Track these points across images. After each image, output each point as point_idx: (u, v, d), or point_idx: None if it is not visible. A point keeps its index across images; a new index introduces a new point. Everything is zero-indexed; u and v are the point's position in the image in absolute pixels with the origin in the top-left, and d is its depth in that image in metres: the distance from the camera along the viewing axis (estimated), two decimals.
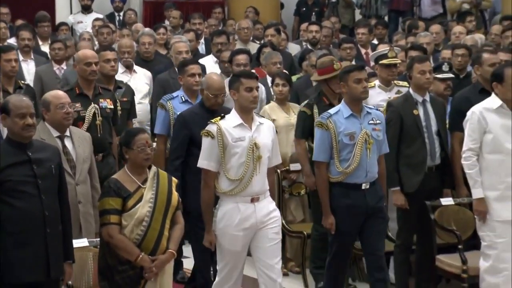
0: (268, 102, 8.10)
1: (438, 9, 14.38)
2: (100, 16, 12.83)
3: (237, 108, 5.62)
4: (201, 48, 11.23)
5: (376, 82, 7.58)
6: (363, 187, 5.94)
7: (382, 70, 7.52)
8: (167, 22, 12.34)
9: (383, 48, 7.93)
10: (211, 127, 5.53)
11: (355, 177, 5.92)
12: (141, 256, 5.06)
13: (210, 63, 9.61)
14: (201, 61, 9.68)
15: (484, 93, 6.63)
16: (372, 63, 8.31)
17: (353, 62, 9.62)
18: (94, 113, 6.65)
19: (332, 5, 14.04)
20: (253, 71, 8.55)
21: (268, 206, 5.63)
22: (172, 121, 6.92)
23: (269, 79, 8.39)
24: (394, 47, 7.88)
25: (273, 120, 7.49)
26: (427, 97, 6.83)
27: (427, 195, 6.54)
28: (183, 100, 7.11)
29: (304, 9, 14.34)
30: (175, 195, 5.24)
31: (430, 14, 14.18)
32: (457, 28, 10.79)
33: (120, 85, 7.58)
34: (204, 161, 5.55)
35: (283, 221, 7.29)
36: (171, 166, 6.47)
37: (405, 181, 6.58)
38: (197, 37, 10.96)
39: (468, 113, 6.37)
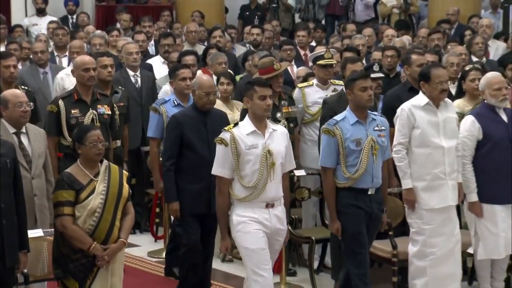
0: None
1: (370, 14, 14.51)
2: (55, 18, 12.65)
3: (251, 115, 5.36)
4: (151, 49, 11.18)
5: (314, 81, 7.59)
6: (369, 192, 5.71)
7: (319, 70, 7.54)
8: (118, 25, 12.22)
9: (320, 50, 7.95)
10: (225, 135, 5.30)
11: (362, 183, 5.68)
12: (93, 245, 5.02)
13: (158, 63, 9.58)
14: (149, 61, 9.73)
15: (413, 91, 6.70)
16: (310, 64, 8.33)
17: (293, 63, 9.67)
18: (93, 119, 6.41)
19: (273, 9, 14.05)
20: (200, 71, 8.61)
21: (282, 217, 5.40)
22: (166, 124, 6.73)
23: (214, 78, 8.37)
24: (330, 49, 7.90)
25: None
26: None
27: None
28: (175, 103, 6.94)
29: (247, 13, 14.32)
30: (126, 187, 5.21)
31: (363, 18, 14.30)
32: (389, 31, 10.89)
33: (116, 90, 7.40)
34: (218, 168, 5.33)
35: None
36: (163, 167, 6.27)
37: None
38: (147, 38, 10.94)
39: (398, 110, 6.42)
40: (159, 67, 9.39)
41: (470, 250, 6.39)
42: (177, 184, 6.19)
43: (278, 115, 6.94)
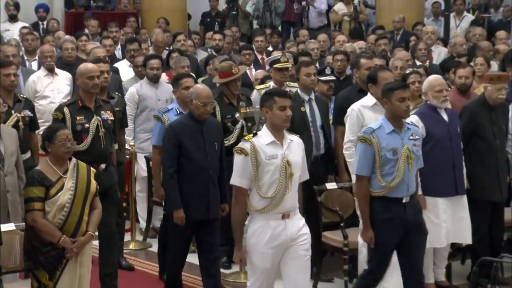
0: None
1: (323, 21, 14.55)
2: (26, 24, 12.52)
3: (269, 125, 4.96)
4: (118, 53, 11.09)
5: (271, 83, 7.60)
6: (403, 201, 5.39)
7: (275, 73, 7.54)
8: (86, 30, 12.12)
9: (276, 54, 7.96)
10: (245, 145, 4.90)
11: (397, 192, 5.36)
12: (62, 238, 4.99)
13: (124, 67, 9.51)
14: (116, 65, 9.65)
15: (362, 93, 6.74)
16: (267, 67, 8.35)
17: (251, 67, 9.68)
18: (97, 125, 6.07)
19: (233, 16, 14.03)
20: (164, 74, 8.57)
21: (298, 223, 5.01)
22: None
23: None
24: (286, 53, 7.91)
25: None
26: (313, 96, 6.92)
27: (314, 181, 6.56)
28: (178, 112, 6.64)
29: (208, 19, 14.30)
30: (93, 183, 5.18)
31: (317, 25, 14.34)
32: (340, 37, 10.95)
33: (112, 95, 7.10)
34: (236, 179, 4.92)
35: None
36: (166, 174, 5.97)
37: None
38: (114, 43, 10.88)
39: (348, 110, 6.46)
40: (126, 70, 9.33)
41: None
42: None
43: (237, 115, 6.94)
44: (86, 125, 6.02)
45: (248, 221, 4.98)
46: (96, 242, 7.19)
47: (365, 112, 6.29)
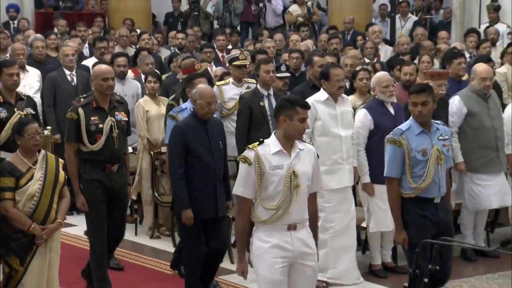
0: (142, 96, 8.01)
1: (279, 21, 14.58)
2: None
3: (281, 134, 4.38)
4: (86, 51, 11.00)
5: (230, 79, 7.57)
6: (435, 201, 5.06)
7: (234, 70, 7.52)
8: (56, 30, 11.96)
9: (235, 52, 7.95)
10: (249, 153, 4.36)
11: (428, 193, 5.03)
12: (32, 225, 4.94)
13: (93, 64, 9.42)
14: (84, 62, 9.57)
15: (315, 88, 6.75)
16: (227, 64, 8.32)
17: (212, 64, 9.64)
18: (111, 126, 5.71)
19: (194, 17, 13.97)
20: (130, 71, 8.49)
21: (307, 240, 4.43)
22: None
23: (143, 77, 8.28)
24: (244, 51, 7.91)
25: (147, 111, 7.46)
26: (271, 92, 6.91)
27: None
28: (192, 111, 6.14)
29: (171, 19, 14.24)
30: (62, 173, 5.11)
31: (273, 25, 14.35)
32: (294, 37, 10.97)
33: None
34: (239, 188, 4.40)
35: (156, 194, 7.23)
36: (176, 175, 5.59)
37: None
38: (82, 42, 10.78)
39: None
40: None
41: (364, 224, 6.49)
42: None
43: None
44: (100, 126, 5.68)
45: (253, 231, 4.45)
46: (72, 231, 7.22)
47: (318, 106, 6.29)
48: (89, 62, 9.51)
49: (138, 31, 11.38)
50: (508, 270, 6.43)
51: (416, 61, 8.49)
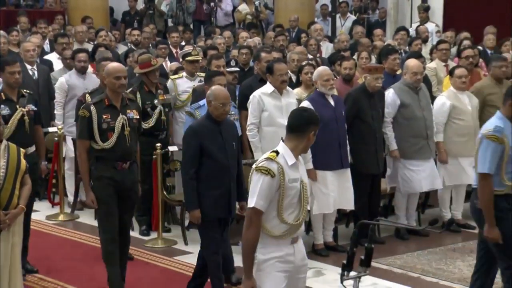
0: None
1: (229, 19, 14.55)
2: None
3: (299, 147, 3.92)
4: (46, 47, 10.78)
5: (184, 73, 7.55)
6: None
7: (187, 64, 7.49)
8: (18, 27, 11.68)
9: (188, 48, 7.90)
10: (271, 165, 3.81)
11: None
12: None
13: (54, 59, 9.28)
14: (46, 57, 9.41)
15: (263, 82, 6.77)
16: (180, 59, 8.28)
17: (167, 59, 9.57)
18: (123, 124, 5.36)
19: (150, 15, 13.85)
20: (90, 66, 8.36)
21: (303, 250, 4.07)
22: None
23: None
24: (197, 48, 7.87)
25: None
26: None
27: None
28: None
29: (128, 17, 14.08)
30: (23, 162, 4.99)
31: (224, 23, 14.32)
32: (243, 34, 10.96)
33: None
34: (260, 201, 3.82)
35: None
36: (187, 175, 5.22)
37: None
38: (43, 38, 10.57)
39: (251, 97, 6.48)
40: (55, 62, 9.08)
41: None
42: (198, 192, 5.20)
43: (156, 101, 6.85)
44: (112, 124, 5.33)
45: (258, 246, 3.93)
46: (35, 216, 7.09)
47: (264, 98, 6.32)
48: (50, 57, 9.44)
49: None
50: (436, 247, 6.59)
51: (355, 57, 8.59)
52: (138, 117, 5.52)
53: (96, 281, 5.75)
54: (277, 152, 3.87)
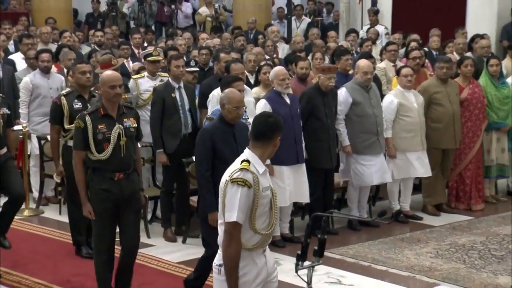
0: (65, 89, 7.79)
1: (189, 21, 14.49)
2: None
3: (266, 154, 3.70)
4: (11, 47, 10.55)
5: (145, 73, 7.46)
6: None
7: (149, 64, 7.41)
8: None
9: (150, 49, 7.82)
10: (247, 176, 3.55)
11: None
12: None
13: (18, 59, 9.10)
14: (11, 57, 9.23)
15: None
16: (142, 60, 8.19)
17: (129, 59, 9.46)
18: (119, 134, 4.97)
19: (112, 17, 13.70)
20: (53, 66, 8.21)
21: (272, 257, 3.82)
22: None
23: (65, 71, 8.04)
24: (158, 48, 7.80)
25: None
26: (182, 84, 6.83)
27: (183, 154, 6.52)
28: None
29: (91, 19, 13.91)
30: None
31: (184, 25, 14.25)
32: (203, 35, 10.90)
33: (94, 94, 6.30)
34: (240, 214, 3.53)
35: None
36: (202, 177, 4.97)
37: (167, 145, 6.56)
38: (8, 39, 10.35)
39: (210, 95, 6.44)
40: (20, 62, 8.91)
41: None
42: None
43: None
44: (108, 134, 4.94)
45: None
46: None
47: None
48: (15, 57, 9.26)
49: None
50: (386, 237, 6.67)
51: (309, 58, 8.62)
52: (135, 125, 5.10)
53: (61, 275, 5.67)
54: (248, 161, 3.60)
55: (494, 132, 7.74)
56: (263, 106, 6.36)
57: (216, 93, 6.32)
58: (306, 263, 3.58)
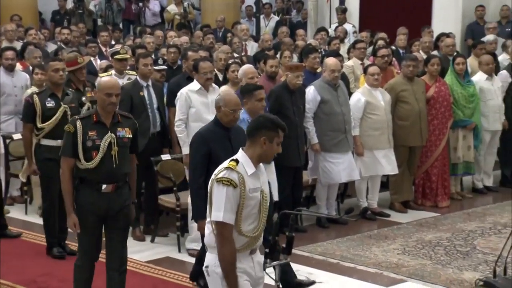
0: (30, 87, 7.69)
1: (157, 19, 14.41)
2: None
3: (255, 155, 3.59)
4: None
5: (113, 71, 7.41)
6: None
7: (116, 63, 7.37)
8: None
9: (117, 47, 7.77)
10: (232, 175, 3.50)
11: None
12: None
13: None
14: None
15: (190, 80, 6.71)
16: (110, 58, 8.13)
17: (97, 57, 9.37)
18: (110, 143, 4.60)
19: (79, 14, 13.55)
20: (18, 63, 8.09)
21: (261, 261, 3.72)
22: None
23: (30, 69, 7.93)
24: (125, 46, 7.75)
25: None
26: (150, 83, 6.80)
27: (151, 153, 6.50)
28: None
29: (58, 16, 13.74)
30: None
31: (152, 23, 14.16)
32: (171, 33, 10.84)
33: (67, 92, 6.18)
34: (227, 214, 3.49)
35: None
36: (195, 183, 4.72)
37: None
38: None
39: (178, 94, 6.42)
40: None
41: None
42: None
43: (83, 98, 6.68)
44: (97, 142, 4.59)
45: (214, 265, 3.57)
46: None
47: (192, 95, 6.27)
48: None
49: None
50: (354, 234, 6.73)
51: (278, 56, 8.64)
52: (130, 136, 4.72)
53: (27, 275, 5.60)
54: (236, 161, 3.54)
55: (460, 130, 7.86)
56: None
57: (184, 92, 6.30)
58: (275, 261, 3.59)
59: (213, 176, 3.55)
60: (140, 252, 6.18)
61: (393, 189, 7.60)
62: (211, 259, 3.56)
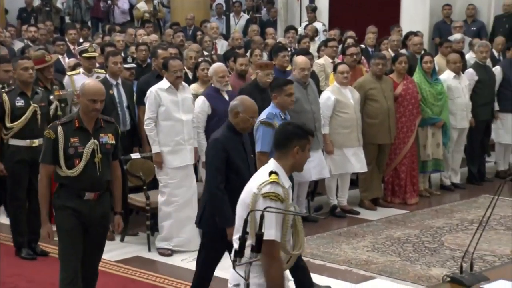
0: None
1: (126, 17, 14.31)
2: None
3: (288, 165, 3.42)
4: None
5: (81, 70, 7.35)
6: None
7: (84, 61, 7.31)
8: None
9: (85, 45, 7.70)
10: (278, 190, 3.28)
11: None
12: None
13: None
14: None
15: (160, 78, 6.67)
16: (78, 56, 8.05)
17: (65, 55, 9.28)
18: (93, 149, 4.40)
19: (46, 12, 13.39)
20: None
21: (290, 277, 3.68)
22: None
23: None
24: (93, 44, 7.68)
25: None
26: (119, 81, 6.77)
27: (121, 152, 6.48)
28: (282, 117, 5.60)
29: (24, 14, 13.57)
30: None
31: (121, 21, 14.05)
32: (141, 31, 10.78)
33: (37, 90, 6.03)
34: (272, 231, 3.24)
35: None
36: (218, 190, 4.53)
37: None
38: None
39: (148, 92, 6.39)
40: None
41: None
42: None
43: (51, 97, 6.63)
44: (80, 149, 4.38)
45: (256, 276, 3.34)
46: None
47: (161, 94, 6.25)
48: None
49: None
50: (324, 232, 6.77)
51: (248, 54, 8.66)
52: (113, 142, 4.52)
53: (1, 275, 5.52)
54: (276, 173, 3.30)
55: (429, 127, 7.97)
56: (201, 102, 6.35)
57: (154, 90, 6.29)
58: (244, 259, 3.60)
59: (255, 190, 3.29)
60: (110, 251, 6.13)
61: (362, 186, 7.67)
62: (241, 276, 3.20)
